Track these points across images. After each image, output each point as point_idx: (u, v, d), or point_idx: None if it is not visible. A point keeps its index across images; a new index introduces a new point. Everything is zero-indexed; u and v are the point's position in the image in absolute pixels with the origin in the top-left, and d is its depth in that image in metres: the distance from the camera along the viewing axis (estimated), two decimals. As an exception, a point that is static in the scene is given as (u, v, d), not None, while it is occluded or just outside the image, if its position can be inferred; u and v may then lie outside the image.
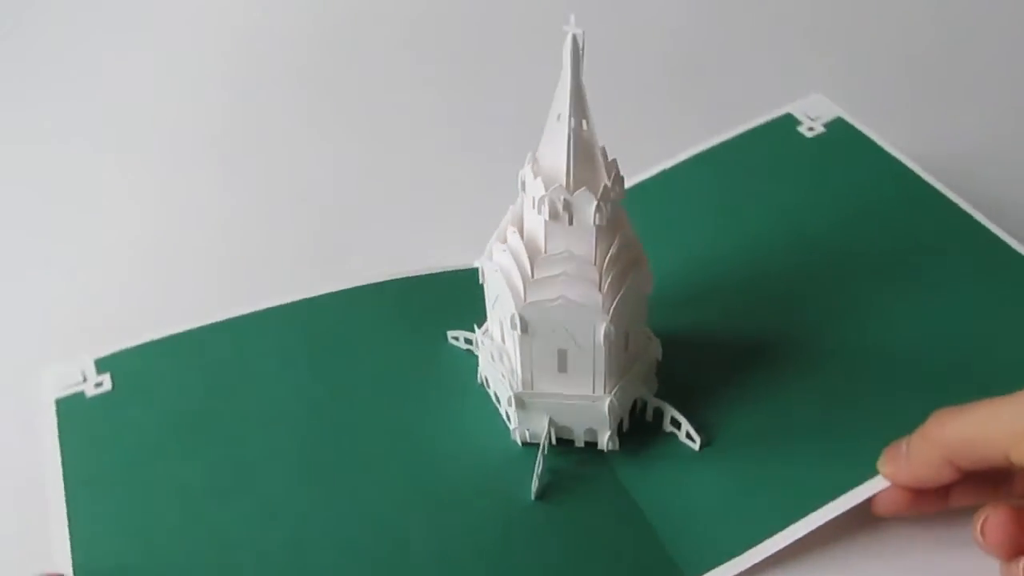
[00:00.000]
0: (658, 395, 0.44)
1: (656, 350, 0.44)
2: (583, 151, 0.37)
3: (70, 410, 0.44)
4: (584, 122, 0.36)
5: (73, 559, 0.39)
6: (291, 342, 0.47)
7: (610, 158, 0.38)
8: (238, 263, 0.55)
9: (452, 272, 0.50)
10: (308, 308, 0.48)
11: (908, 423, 0.38)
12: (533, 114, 0.40)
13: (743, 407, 0.44)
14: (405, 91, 0.67)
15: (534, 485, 0.41)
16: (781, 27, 0.70)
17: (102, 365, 0.45)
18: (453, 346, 0.47)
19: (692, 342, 0.46)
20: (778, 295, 0.48)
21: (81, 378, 0.45)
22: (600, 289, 0.38)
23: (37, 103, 0.67)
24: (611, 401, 0.41)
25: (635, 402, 0.44)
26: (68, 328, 0.51)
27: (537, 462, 0.41)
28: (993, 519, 0.35)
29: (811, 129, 0.55)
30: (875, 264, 0.48)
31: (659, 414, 0.43)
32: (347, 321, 0.48)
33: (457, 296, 0.48)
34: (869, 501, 0.40)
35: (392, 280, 0.50)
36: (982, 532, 0.36)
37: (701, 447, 0.42)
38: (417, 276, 0.50)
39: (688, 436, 0.43)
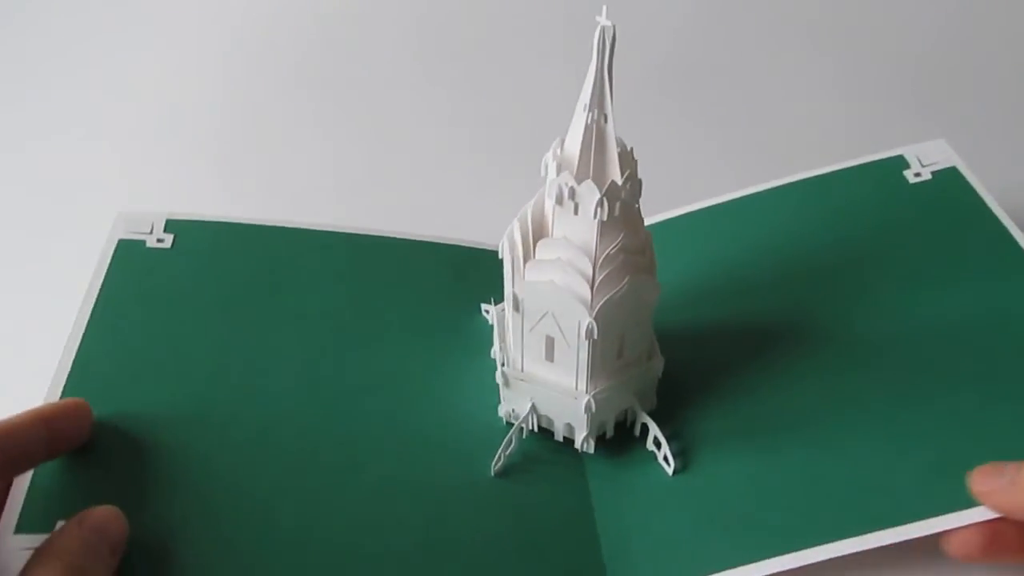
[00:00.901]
0: (655, 412, 0.43)
1: (658, 367, 0.43)
2: (598, 143, 0.37)
3: (127, 253, 0.47)
4: (604, 116, 0.36)
5: (67, 379, 0.42)
6: (344, 269, 0.49)
7: (634, 158, 0.38)
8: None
9: None
10: (369, 243, 0.51)
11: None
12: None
13: (738, 442, 0.42)
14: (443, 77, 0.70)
15: (495, 462, 0.42)
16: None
17: (171, 225, 0.49)
18: (484, 319, 0.49)
19: (707, 366, 0.45)
20: (813, 335, 0.45)
21: (149, 229, 0.49)
22: (591, 284, 0.38)
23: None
24: (589, 401, 0.40)
25: (626, 412, 0.43)
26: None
27: (506, 441, 0.42)
28: None
29: (917, 175, 0.51)
30: (932, 319, 0.45)
31: (645, 430, 0.43)
32: (398, 267, 0.50)
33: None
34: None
35: (451, 244, 0.52)
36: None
37: (674, 473, 0.41)
38: (474, 248, 0.52)
39: (665, 459, 0.42)
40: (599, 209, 0.37)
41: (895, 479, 0.39)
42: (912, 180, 0.51)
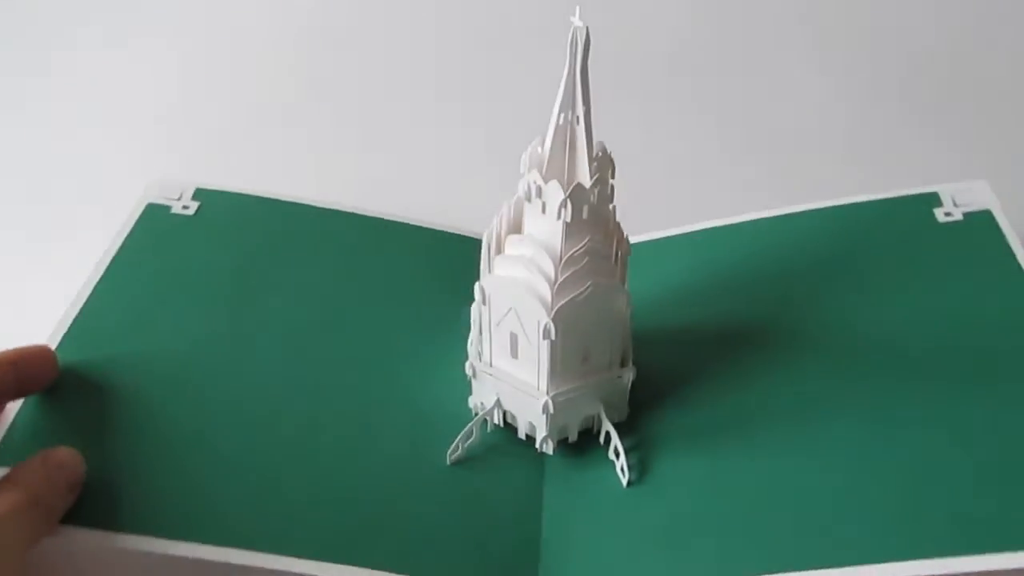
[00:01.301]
0: (625, 420, 0.43)
1: (628, 377, 0.42)
2: (570, 145, 0.37)
3: (152, 215, 0.50)
4: (577, 117, 0.36)
5: (71, 325, 0.45)
6: (348, 247, 0.51)
7: (612, 162, 0.38)
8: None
9: None
10: (376, 225, 0.52)
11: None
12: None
13: (699, 458, 0.41)
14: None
15: (452, 451, 0.42)
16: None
17: (198, 194, 0.52)
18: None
19: (685, 377, 0.44)
20: (798, 355, 0.44)
21: (178, 196, 0.52)
22: (552, 284, 0.38)
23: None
24: (547, 402, 0.40)
25: (593, 419, 0.43)
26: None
27: (466, 431, 0.42)
28: None
29: (948, 215, 0.48)
30: (924, 347, 0.43)
31: (609, 438, 0.42)
32: (403, 250, 0.51)
33: None
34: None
35: (457, 234, 0.52)
36: None
37: (628, 485, 0.41)
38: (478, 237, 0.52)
39: (622, 470, 0.41)
40: (563, 210, 0.37)
41: (857, 513, 0.37)
42: (942, 219, 0.49)
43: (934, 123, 0.65)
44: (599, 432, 0.43)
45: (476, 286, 0.40)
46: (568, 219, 0.37)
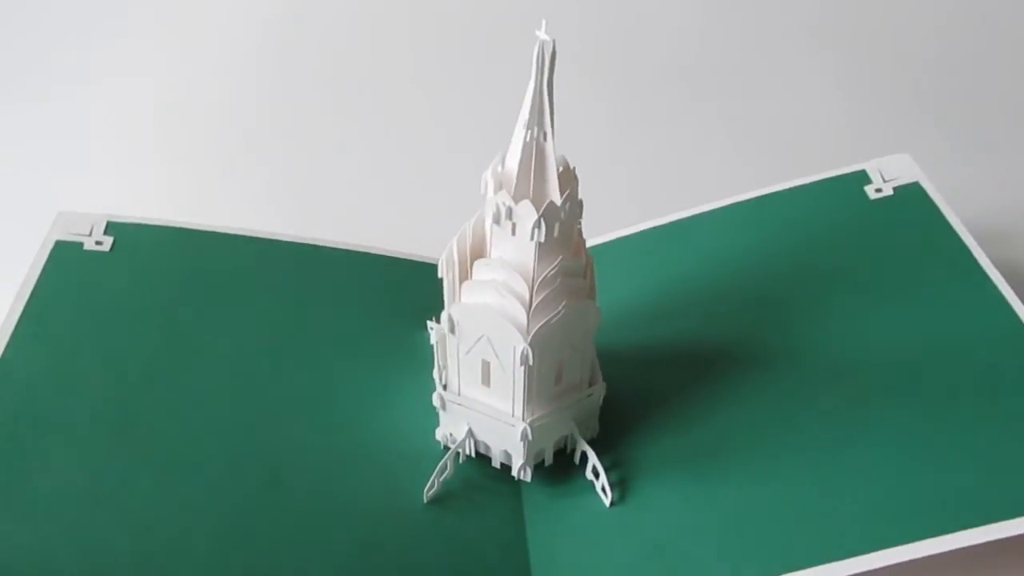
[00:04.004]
0: (597, 438, 0.42)
1: (599, 393, 0.41)
2: (538, 162, 0.35)
3: (63, 254, 0.46)
4: (544, 134, 0.35)
5: None
6: (285, 278, 0.48)
7: (576, 177, 0.37)
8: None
9: None
10: (313, 253, 0.49)
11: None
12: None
13: (678, 472, 0.40)
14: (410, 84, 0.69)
15: (428, 488, 0.40)
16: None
17: (111, 228, 0.47)
18: (429, 335, 0.47)
19: (652, 390, 0.43)
20: (761, 359, 0.44)
21: (88, 231, 0.47)
22: (527, 308, 0.37)
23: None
24: (525, 429, 0.39)
25: (566, 439, 0.42)
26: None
27: (440, 466, 0.40)
28: None
29: (879, 191, 0.50)
30: (885, 344, 0.43)
31: (585, 458, 0.41)
32: (341, 278, 0.49)
33: None
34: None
35: (398, 257, 0.50)
36: None
37: (611, 504, 0.40)
38: (422, 261, 0.50)
39: (603, 489, 0.40)
40: (536, 231, 0.35)
41: (836, 511, 0.38)
42: (873, 196, 0.50)
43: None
44: (572, 452, 0.42)
45: (444, 315, 0.38)
46: (542, 239, 0.36)
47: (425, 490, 0.40)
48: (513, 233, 0.36)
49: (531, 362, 0.37)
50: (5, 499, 0.36)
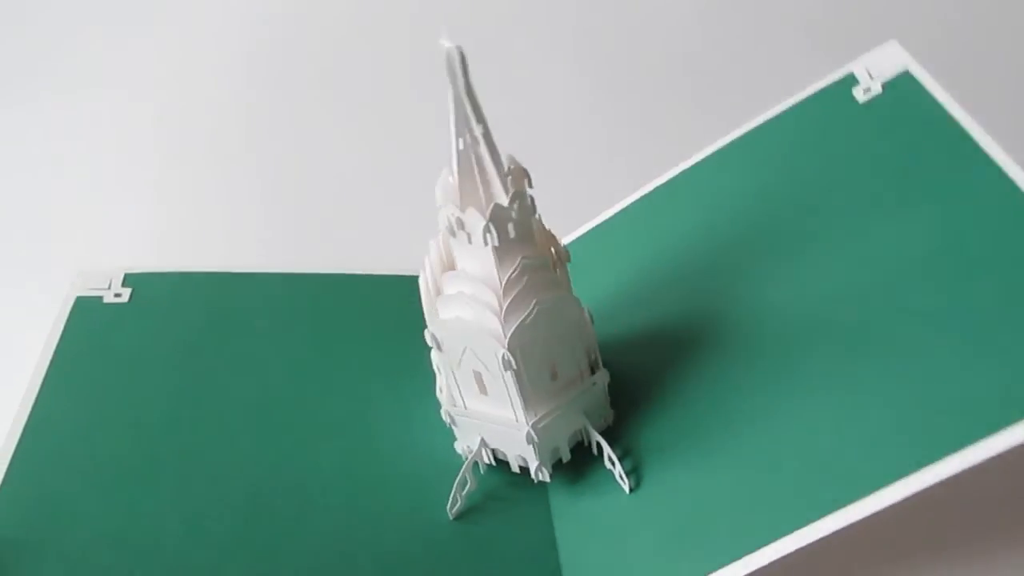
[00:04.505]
0: (613, 424, 0.41)
1: (602, 380, 0.40)
2: (478, 168, 0.35)
3: (84, 310, 0.47)
4: (476, 139, 0.34)
5: (20, 441, 0.41)
6: (299, 310, 0.48)
7: (525, 172, 0.36)
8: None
9: None
10: (323, 282, 0.50)
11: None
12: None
13: (688, 449, 0.39)
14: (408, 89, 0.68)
15: (451, 504, 0.40)
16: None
17: (128, 279, 0.48)
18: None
19: (655, 371, 0.42)
20: (761, 320, 0.41)
21: (107, 285, 0.48)
22: (499, 313, 0.36)
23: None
24: (529, 432, 0.38)
25: (582, 432, 0.41)
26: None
27: (459, 480, 0.40)
28: None
29: (867, 91, 0.44)
30: (892, 260, 0.39)
31: (602, 449, 0.40)
32: (353, 304, 0.49)
33: None
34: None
35: (396, 276, 0.50)
36: None
37: (630, 491, 0.39)
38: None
39: (621, 478, 0.39)
40: (488, 235, 0.35)
41: (845, 456, 0.35)
42: (862, 98, 0.45)
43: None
44: (590, 444, 0.41)
45: (426, 333, 0.39)
46: (496, 243, 0.35)
47: (448, 506, 0.40)
48: (470, 242, 0.36)
49: (515, 366, 0.37)
50: (40, 549, 0.37)
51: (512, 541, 0.40)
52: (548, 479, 0.40)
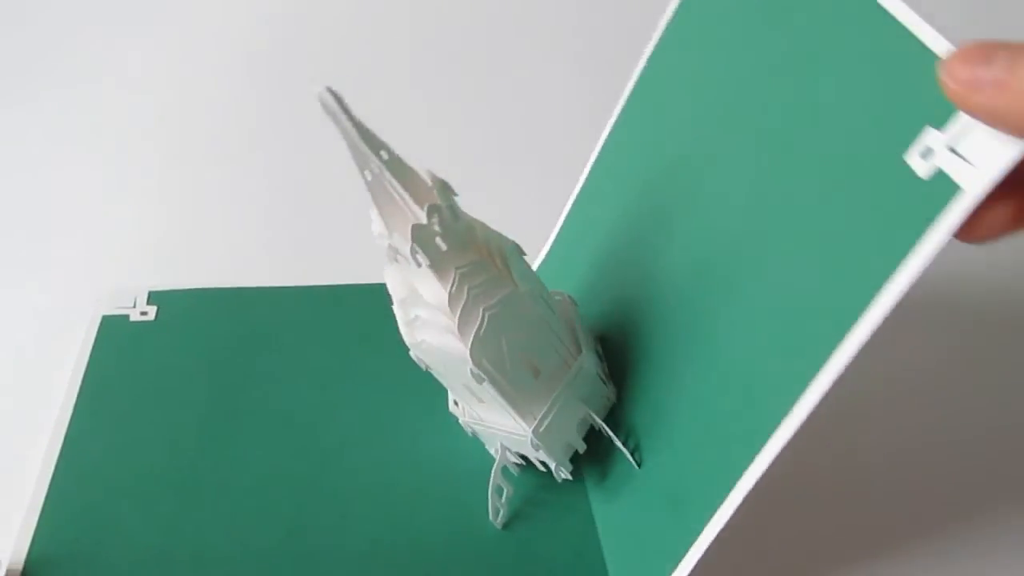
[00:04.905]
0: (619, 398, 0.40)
1: (587, 362, 0.39)
2: (391, 194, 0.35)
3: (111, 329, 0.48)
4: (378, 167, 0.34)
5: (58, 461, 0.42)
6: (325, 322, 0.49)
7: (442, 183, 0.36)
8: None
9: None
10: (349, 293, 0.51)
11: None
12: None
13: (678, 407, 0.37)
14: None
15: (493, 514, 0.40)
16: None
17: (153, 297, 0.50)
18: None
19: (638, 337, 0.40)
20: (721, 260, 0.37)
21: (132, 303, 0.50)
22: (454, 331, 0.36)
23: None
24: (531, 439, 0.38)
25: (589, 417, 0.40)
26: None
27: (492, 488, 0.40)
28: None
29: None
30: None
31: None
32: (379, 314, 0.46)
33: None
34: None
35: None
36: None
37: (640, 466, 0.37)
38: None
39: (633, 455, 0.38)
40: (416, 256, 0.35)
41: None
42: None
43: None
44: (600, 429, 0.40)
45: (412, 356, 0.39)
46: (427, 262, 0.35)
47: (492, 517, 0.40)
48: (417, 266, 0.36)
49: (488, 377, 0.36)
50: (88, 567, 0.39)
51: (554, 536, 0.40)
52: (569, 476, 0.39)
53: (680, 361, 0.37)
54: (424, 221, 0.35)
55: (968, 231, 0.27)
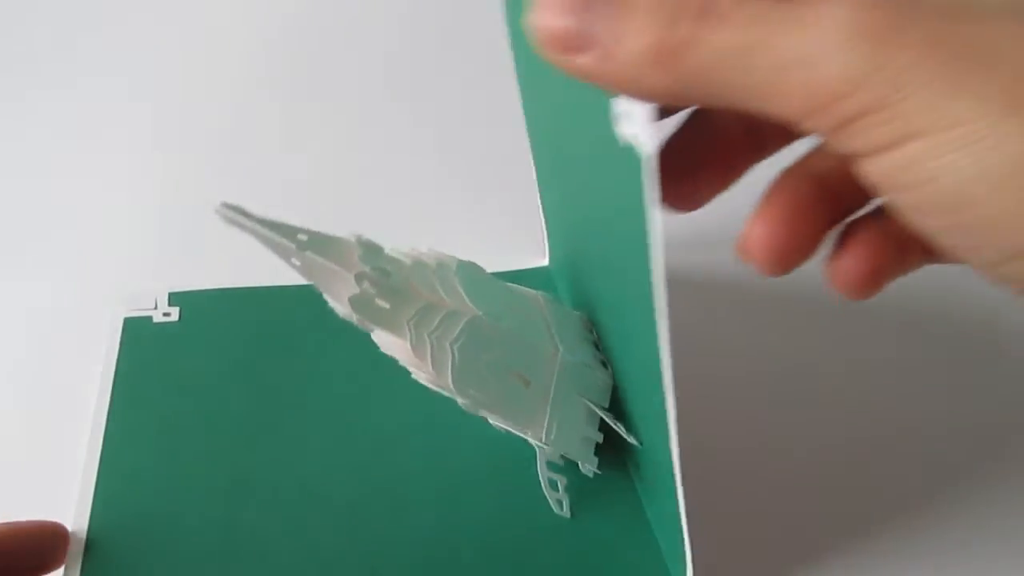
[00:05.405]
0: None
1: (570, 356, 0.38)
2: (320, 274, 0.36)
3: (135, 329, 0.47)
4: (300, 256, 0.36)
5: (100, 466, 0.41)
6: (346, 322, 0.46)
7: (367, 243, 0.37)
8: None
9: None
10: None
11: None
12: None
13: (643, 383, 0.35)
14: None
15: (557, 507, 0.40)
16: None
17: (174, 298, 0.49)
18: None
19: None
20: None
21: (153, 304, 0.49)
22: (432, 376, 0.37)
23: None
24: (548, 451, 0.38)
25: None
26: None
27: (544, 483, 0.40)
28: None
29: None
30: None
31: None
32: None
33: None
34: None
35: None
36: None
37: (640, 443, 0.37)
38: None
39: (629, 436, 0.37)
40: (364, 324, 0.36)
41: None
42: None
43: None
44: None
45: None
46: (376, 326, 0.36)
47: (556, 511, 0.40)
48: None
49: (480, 413, 0.37)
50: (148, 566, 0.38)
51: (616, 534, 0.39)
52: (596, 470, 0.39)
53: (619, 324, 0.36)
54: (356, 290, 0.36)
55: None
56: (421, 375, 0.37)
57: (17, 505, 0.38)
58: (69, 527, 0.38)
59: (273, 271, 0.44)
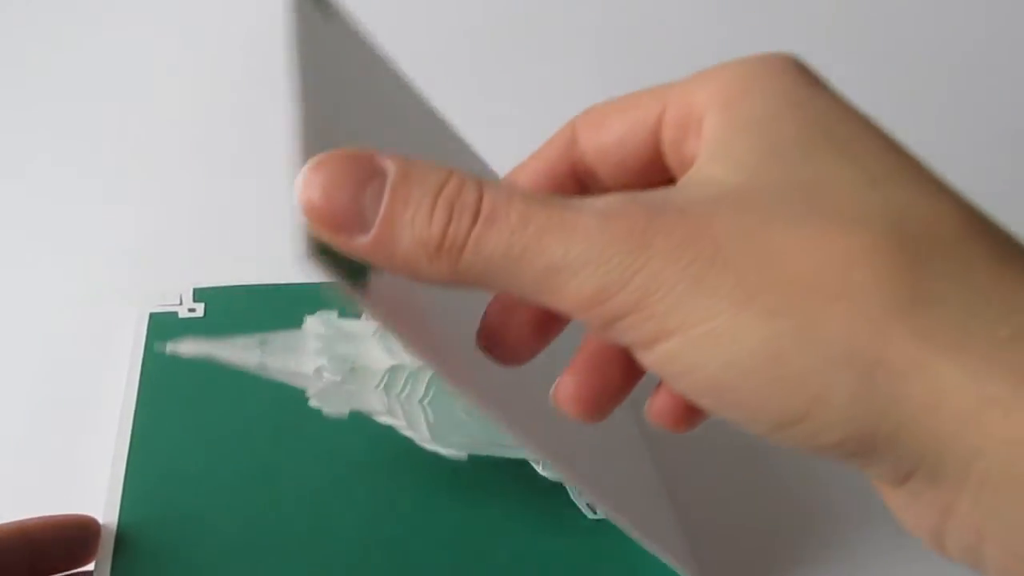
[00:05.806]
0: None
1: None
2: (290, 377, 0.39)
3: (161, 324, 0.47)
4: (265, 361, 0.38)
5: (128, 460, 0.41)
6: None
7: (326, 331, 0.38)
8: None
9: None
10: None
11: None
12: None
13: None
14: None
15: (589, 510, 0.40)
16: None
17: (199, 294, 0.50)
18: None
19: None
20: None
21: (178, 300, 0.49)
22: (416, 437, 0.38)
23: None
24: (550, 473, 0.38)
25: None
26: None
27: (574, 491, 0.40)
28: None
29: None
30: None
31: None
32: None
33: None
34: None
35: None
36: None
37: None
38: None
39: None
40: (334, 414, 0.38)
41: None
42: None
43: None
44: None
45: None
46: (347, 413, 0.38)
47: (589, 514, 0.40)
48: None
49: (464, 454, 0.38)
50: (174, 565, 0.38)
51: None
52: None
53: None
54: (325, 375, 0.38)
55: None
56: (409, 433, 0.39)
57: (48, 499, 0.39)
58: (100, 521, 0.39)
59: (297, 268, 0.49)
